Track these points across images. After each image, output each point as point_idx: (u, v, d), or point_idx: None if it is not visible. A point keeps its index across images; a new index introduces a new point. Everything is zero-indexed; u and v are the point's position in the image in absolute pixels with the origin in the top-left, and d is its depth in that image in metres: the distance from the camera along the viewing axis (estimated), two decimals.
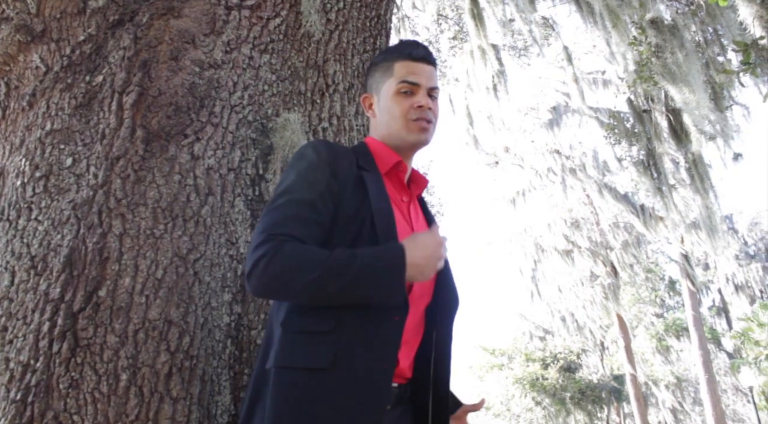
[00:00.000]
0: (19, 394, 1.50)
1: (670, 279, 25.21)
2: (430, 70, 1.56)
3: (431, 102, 1.55)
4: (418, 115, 1.51)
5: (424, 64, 1.55)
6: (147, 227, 1.71)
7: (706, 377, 15.77)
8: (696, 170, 7.97)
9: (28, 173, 1.83)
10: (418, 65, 1.55)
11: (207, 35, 1.99)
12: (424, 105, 1.51)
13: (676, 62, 5.35)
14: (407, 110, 1.52)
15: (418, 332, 1.45)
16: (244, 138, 1.94)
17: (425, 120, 1.52)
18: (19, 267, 1.70)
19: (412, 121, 1.51)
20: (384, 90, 1.57)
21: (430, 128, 1.53)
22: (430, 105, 1.54)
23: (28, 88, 2.00)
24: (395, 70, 1.56)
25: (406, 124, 1.52)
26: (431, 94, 1.56)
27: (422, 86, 1.53)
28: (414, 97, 1.53)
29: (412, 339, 1.42)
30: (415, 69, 1.54)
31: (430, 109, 1.53)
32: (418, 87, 1.53)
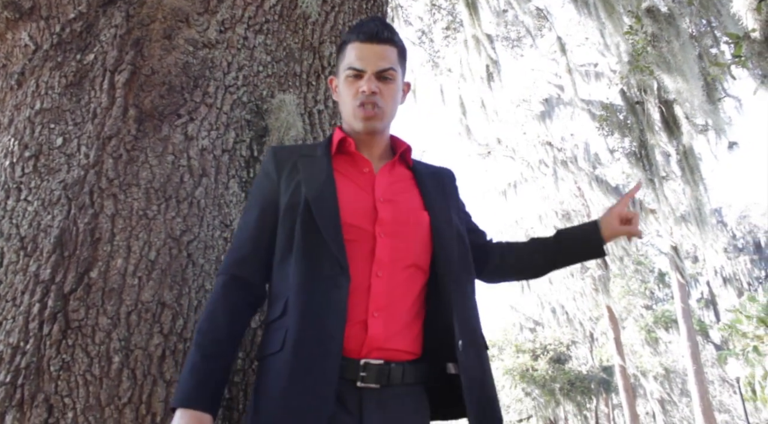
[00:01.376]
0: (8, 376, 1.46)
1: (659, 271, 25.40)
2: (380, 51, 1.48)
3: (382, 84, 1.48)
4: (362, 100, 1.46)
5: (373, 44, 1.48)
6: (140, 207, 1.68)
7: (694, 368, 15.93)
8: (687, 162, 7.99)
9: (17, 153, 1.79)
10: (366, 47, 1.48)
11: (201, 14, 1.95)
12: (366, 90, 1.45)
13: (671, 52, 5.34)
14: (354, 96, 1.48)
15: (402, 297, 1.38)
16: (239, 119, 1.91)
17: (371, 105, 1.46)
18: (8, 248, 1.66)
19: (358, 108, 1.47)
20: (339, 73, 1.55)
21: (376, 114, 1.47)
22: (377, 89, 1.46)
23: (17, 66, 1.95)
24: (347, 53, 1.51)
25: (353, 111, 1.49)
26: (383, 75, 1.48)
27: (368, 71, 1.47)
28: (359, 82, 1.48)
29: (391, 305, 1.35)
30: (362, 52, 1.48)
31: (376, 94, 1.46)
32: (364, 72, 1.47)
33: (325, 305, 1.29)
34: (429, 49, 10.69)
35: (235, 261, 1.43)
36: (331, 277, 1.31)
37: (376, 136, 1.53)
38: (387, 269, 1.37)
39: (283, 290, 1.37)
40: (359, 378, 1.29)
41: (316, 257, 1.33)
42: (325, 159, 1.48)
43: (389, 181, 1.51)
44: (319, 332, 1.27)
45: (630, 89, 7.75)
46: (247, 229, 1.46)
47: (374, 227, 1.39)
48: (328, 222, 1.35)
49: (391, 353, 1.33)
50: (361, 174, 1.49)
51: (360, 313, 1.32)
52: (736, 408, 26.61)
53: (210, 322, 1.36)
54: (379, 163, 1.54)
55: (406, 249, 1.41)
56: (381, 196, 1.45)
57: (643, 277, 24.94)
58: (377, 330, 1.32)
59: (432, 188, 1.56)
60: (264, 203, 1.46)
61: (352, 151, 1.51)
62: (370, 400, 1.29)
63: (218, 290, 1.41)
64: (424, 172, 1.59)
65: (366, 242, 1.38)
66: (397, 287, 1.38)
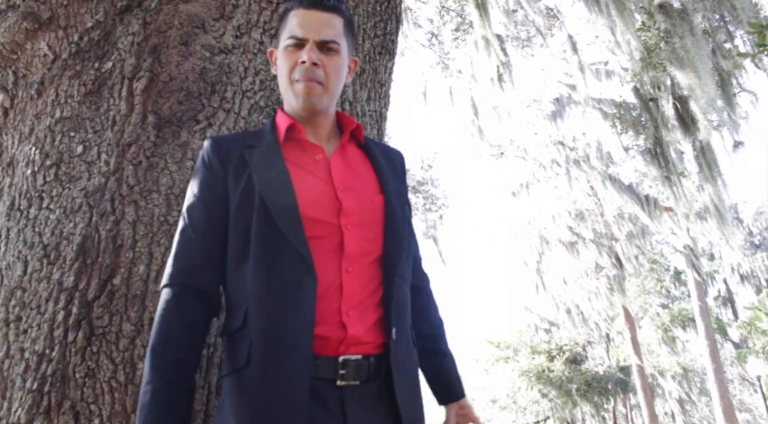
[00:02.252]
0: (35, 383, 1.47)
1: (675, 270, 25.17)
2: (324, 18, 1.35)
3: (324, 56, 1.34)
4: (300, 74, 1.33)
5: (318, 11, 1.35)
6: (160, 213, 1.68)
7: (713, 367, 15.75)
8: (704, 158, 7.89)
9: (39, 162, 1.81)
10: (309, 13, 1.35)
11: (217, 20, 1.96)
12: (306, 61, 1.32)
13: (684, 47, 5.28)
14: (291, 68, 1.35)
15: (374, 291, 1.30)
16: (257, 123, 1.91)
17: (311, 79, 1.33)
18: (31, 256, 1.67)
19: (296, 82, 1.34)
20: (279, 44, 1.41)
21: (316, 90, 1.34)
22: (318, 61, 1.33)
23: (37, 76, 1.97)
24: (288, 21, 1.39)
25: (290, 85, 1.36)
26: (327, 46, 1.35)
27: (310, 40, 1.33)
28: (300, 52, 1.34)
29: (363, 302, 1.27)
30: (305, 19, 1.35)
31: (318, 66, 1.33)
32: (305, 41, 1.34)
33: (289, 311, 1.19)
34: (439, 51, 10.70)
35: (187, 269, 1.29)
36: (294, 279, 1.21)
37: (320, 116, 1.41)
38: (357, 263, 1.29)
39: (241, 297, 1.25)
40: (339, 376, 1.21)
41: (277, 259, 1.23)
42: (274, 149, 1.35)
43: (344, 165, 1.40)
44: (286, 341, 1.18)
45: (643, 86, 7.69)
46: (195, 230, 1.31)
47: (339, 218, 1.29)
48: (287, 219, 1.24)
49: (368, 346, 1.26)
50: (315, 162, 1.37)
51: (333, 314, 1.23)
52: (757, 407, 26.29)
53: (166, 341, 1.22)
54: (329, 145, 1.43)
55: (374, 239, 1.32)
56: (340, 184, 1.34)
57: (658, 275, 24.73)
58: (356, 329, 1.24)
59: (386, 168, 1.45)
60: (211, 200, 1.32)
61: (302, 139, 1.39)
62: (351, 397, 1.21)
63: (169, 302, 1.26)
64: (376, 151, 1.49)
65: (332, 237, 1.28)
66: (368, 281, 1.29)
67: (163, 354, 1.21)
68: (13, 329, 1.59)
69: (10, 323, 1.60)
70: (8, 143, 2.01)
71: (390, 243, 1.34)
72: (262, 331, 1.19)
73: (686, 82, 5.72)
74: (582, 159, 16.83)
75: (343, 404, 1.20)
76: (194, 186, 1.36)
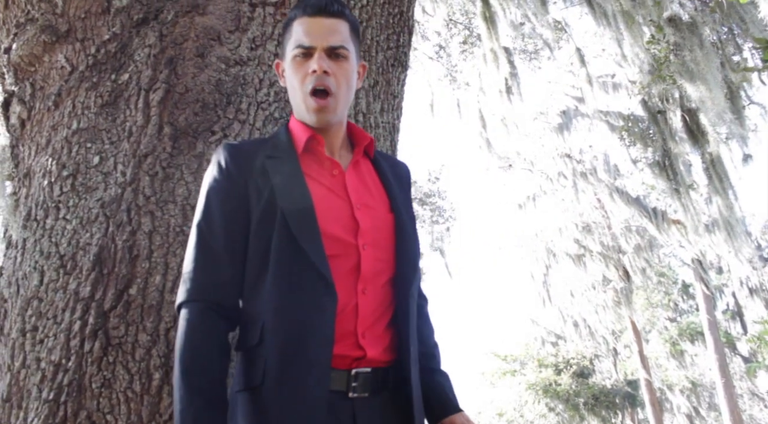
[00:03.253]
0: (51, 394, 1.48)
1: (683, 283, 25.00)
2: (330, 25, 1.32)
3: (334, 63, 1.32)
4: (313, 83, 1.31)
5: (322, 17, 1.32)
6: (176, 224, 1.69)
7: (722, 381, 15.59)
8: (714, 170, 7.86)
9: (55, 173, 1.82)
10: (314, 21, 1.32)
11: (232, 32, 1.98)
12: (317, 69, 1.30)
13: (694, 60, 5.29)
14: (303, 79, 1.33)
15: (385, 311, 1.31)
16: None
17: (322, 91, 1.31)
18: (48, 266, 1.68)
19: (309, 97, 1.32)
20: (286, 55, 1.38)
21: (329, 105, 1.32)
22: (329, 68, 1.31)
23: (54, 88, 1.99)
24: (293, 30, 1.36)
25: (303, 98, 1.34)
26: (335, 53, 1.32)
27: (317, 48, 1.31)
28: (309, 62, 1.32)
29: (375, 323, 1.28)
30: (310, 27, 1.32)
31: (328, 74, 1.31)
32: (313, 49, 1.31)
33: (308, 330, 1.19)
34: (446, 63, 10.74)
35: (209, 284, 1.25)
36: (314, 298, 1.20)
37: (333, 127, 1.39)
38: (371, 283, 1.29)
39: (257, 312, 1.24)
40: (351, 389, 1.22)
41: (296, 277, 1.21)
42: (294, 162, 1.32)
43: (359, 181, 1.39)
44: (304, 361, 1.17)
45: (651, 99, 7.69)
46: (215, 243, 1.27)
47: (356, 238, 1.29)
48: (309, 236, 1.22)
49: (378, 363, 1.28)
50: (332, 177, 1.36)
51: (349, 334, 1.24)
52: (767, 422, 25.97)
53: (199, 362, 1.19)
54: (341, 158, 1.41)
55: (387, 259, 1.33)
56: (356, 201, 1.33)
57: (666, 289, 24.56)
58: (373, 351, 1.26)
59: (395, 184, 1.45)
60: (231, 211, 1.28)
61: (320, 152, 1.37)
62: (362, 409, 1.23)
63: (194, 321, 1.22)
64: (385, 166, 1.48)
65: (350, 257, 1.27)
66: (380, 302, 1.30)
67: (199, 375, 1.18)
68: (30, 338, 1.60)
69: (27, 333, 1.61)
70: (25, 154, 2.03)
71: (402, 263, 1.34)
72: (279, 350, 1.18)
73: (696, 95, 5.71)
74: (589, 171, 16.79)
75: (355, 415, 1.22)
76: (211, 195, 1.31)
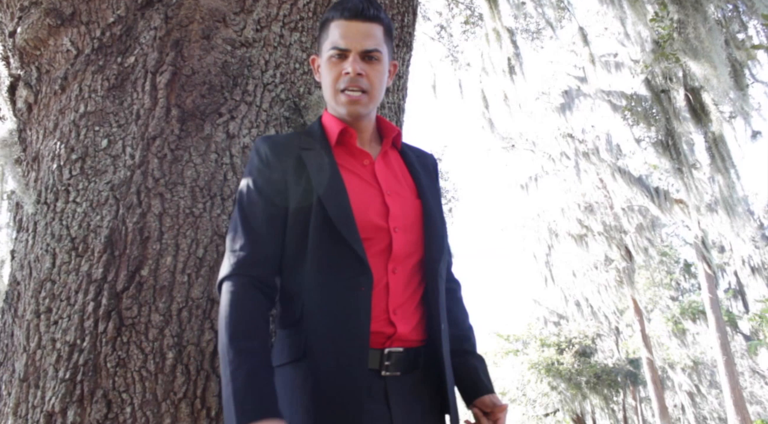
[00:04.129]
0: (67, 373, 1.50)
1: (685, 262, 25.06)
2: (365, 29, 1.40)
3: (367, 66, 1.40)
4: (346, 84, 1.39)
5: (358, 21, 1.39)
6: (186, 206, 1.70)
7: (723, 359, 15.69)
8: (717, 149, 7.84)
9: (64, 156, 1.83)
10: (351, 25, 1.39)
11: (237, 14, 1.97)
12: (351, 72, 1.38)
13: (698, 38, 5.24)
14: (336, 78, 1.41)
15: (415, 291, 1.39)
16: (278, 116, 1.93)
17: (355, 89, 1.39)
18: (60, 249, 1.70)
19: (341, 92, 1.40)
20: (322, 54, 1.46)
21: (361, 99, 1.40)
22: (362, 70, 1.39)
23: (60, 71, 1.99)
24: (330, 32, 1.43)
25: (335, 94, 1.42)
26: (369, 55, 1.40)
27: (352, 51, 1.39)
28: (344, 63, 1.40)
29: (406, 302, 1.35)
30: (347, 30, 1.39)
31: (362, 76, 1.39)
32: (348, 52, 1.39)
33: (347, 307, 1.26)
34: (448, 43, 10.66)
35: (251, 261, 1.31)
36: (351, 277, 1.28)
37: (363, 120, 1.47)
38: (401, 264, 1.37)
39: (296, 291, 1.32)
40: (383, 368, 1.29)
41: (334, 257, 1.29)
42: (328, 153, 1.41)
43: (388, 170, 1.48)
44: (344, 336, 1.25)
45: (654, 78, 7.64)
46: (256, 223, 1.34)
47: (387, 222, 1.37)
48: (344, 221, 1.30)
49: (410, 342, 1.35)
50: (363, 166, 1.44)
51: (381, 312, 1.31)
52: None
53: (246, 327, 1.24)
54: (371, 148, 1.50)
55: (415, 242, 1.40)
56: (387, 188, 1.42)
57: (668, 268, 24.61)
58: (403, 328, 1.33)
59: (422, 173, 1.53)
60: (271, 195, 1.36)
61: (351, 144, 1.46)
62: (394, 387, 1.30)
63: (239, 292, 1.27)
64: (412, 156, 1.56)
65: (382, 240, 1.35)
66: (409, 282, 1.38)
67: (246, 339, 1.21)
68: (44, 320, 1.62)
69: (41, 315, 1.63)
70: (32, 138, 2.04)
71: (430, 246, 1.41)
72: (320, 325, 1.26)
73: (700, 73, 5.66)
74: (591, 151, 16.75)
75: (387, 393, 1.28)
76: (252, 181, 1.38)
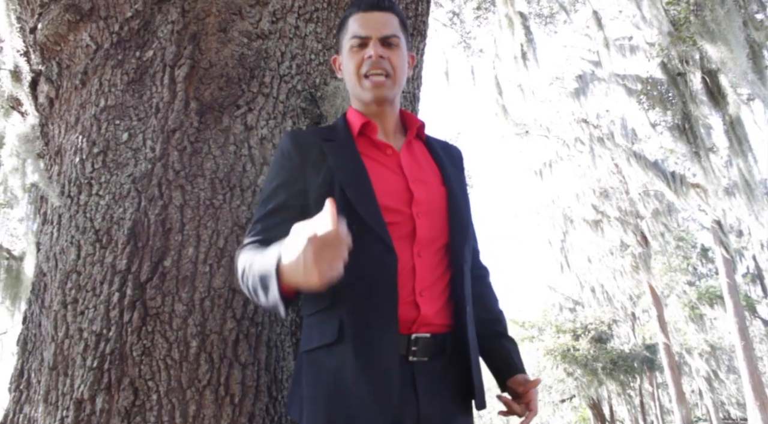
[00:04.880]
0: (95, 362, 1.54)
1: (702, 247, 24.83)
2: (382, 18, 1.47)
3: (388, 50, 1.46)
4: (369, 68, 1.44)
5: (375, 12, 1.47)
6: (206, 197, 1.73)
7: (742, 344, 15.59)
8: (734, 133, 7.74)
9: (86, 150, 1.86)
10: (368, 15, 1.47)
11: (253, 6, 1.99)
12: (373, 55, 1.43)
13: (716, 20, 5.17)
14: (359, 65, 1.46)
15: (441, 275, 1.41)
16: (295, 107, 1.94)
17: (379, 73, 1.44)
18: (84, 241, 1.74)
19: (364, 78, 1.45)
20: (343, 49, 1.52)
21: (385, 82, 1.45)
22: (384, 54, 1.45)
23: (80, 66, 2.02)
24: (349, 26, 1.50)
25: (359, 80, 1.47)
26: (388, 41, 1.46)
27: (372, 37, 1.45)
28: (365, 50, 1.46)
29: (433, 284, 1.38)
30: (365, 20, 1.47)
31: (383, 58, 1.44)
32: (368, 39, 1.45)
33: (377, 288, 1.30)
34: (460, 29, 10.59)
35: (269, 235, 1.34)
36: (377, 259, 1.31)
37: (387, 108, 1.51)
38: (426, 248, 1.39)
39: None
40: (411, 353, 1.31)
41: (359, 242, 1.28)
42: (350, 143, 1.46)
43: (412, 159, 1.51)
44: (377, 316, 1.29)
45: (671, 61, 7.54)
46: (277, 205, 1.40)
47: (411, 208, 1.40)
48: (367, 207, 1.34)
49: (437, 327, 1.36)
50: (386, 156, 1.48)
51: (408, 294, 1.33)
52: None
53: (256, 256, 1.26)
54: (395, 141, 1.53)
55: (439, 227, 1.43)
56: (411, 176, 1.45)
57: (685, 253, 24.40)
58: (427, 309, 1.34)
59: (447, 162, 1.56)
60: (289, 187, 1.41)
61: (373, 137, 1.49)
62: (421, 373, 1.32)
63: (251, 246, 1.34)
64: (437, 147, 1.60)
65: (406, 224, 1.38)
66: (436, 265, 1.40)
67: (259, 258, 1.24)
68: (71, 310, 1.66)
69: (68, 305, 1.67)
70: (54, 133, 2.08)
71: (455, 231, 1.45)
72: (352, 307, 1.30)
73: (717, 56, 5.59)
74: (606, 136, 16.60)
75: (414, 378, 1.31)
76: (275, 175, 1.45)
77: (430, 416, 1.30)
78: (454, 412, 1.36)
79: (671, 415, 26.20)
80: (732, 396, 26.22)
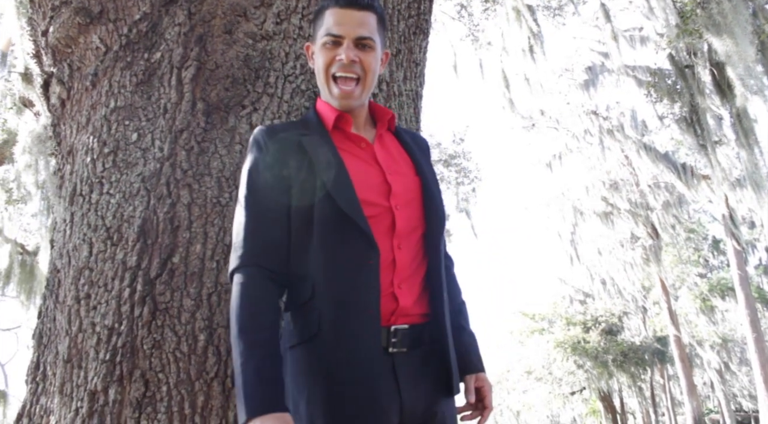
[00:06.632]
0: (108, 355, 1.61)
1: (713, 239, 24.69)
2: (359, 17, 1.42)
3: (361, 53, 1.42)
4: (339, 69, 1.42)
5: (353, 10, 1.42)
6: (213, 195, 1.79)
7: (753, 336, 15.52)
8: (741, 125, 7.71)
9: (97, 150, 1.92)
10: (345, 12, 1.42)
11: (257, 7, 2.03)
12: (345, 59, 1.40)
13: (722, 12, 5.15)
14: (329, 63, 1.43)
15: (419, 266, 1.43)
16: (299, 107, 1.99)
17: (350, 76, 1.42)
18: (96, 238, 1.80)
19: (333, 81, 1.44)
20: (316, 41, 1.49)
21: (353, 92, 1.43)
22: (356, 57, 1.41)
23: (90, 68, 2.07)
24: (325, 19, 1.45)
25: (327, 81, 1.45)
26: (362, 43, 1.42)
27: (346, 38, 1.41)
28: (337, 50, 1.42)
29: (411, 275, 1.40)
30: (341, 17, 1.42)
31: (355, 62, 1.41)
32: (342, 39, 1.41)
33: (358, 281, 1.31)
34: (468, 23, 10.59)
35: (259, 250, 1.34)
36: (359, 253, 1.32)
37: (356, 108, 1.50)
38: (405, 240, 1.40)
39: (306, 272, 1.34)
40: (390, 344, 1.33)
41: (341, 237, 1.33)
42: (326, 137, 1.44)
43: (385, 151, 1.51)
44: (357, 308, 1.30)
45: (679, 53, 7.51)
46: (261, 211, 1.37)
47: (389, 200, 1.40)
48: (348, 201, 1.34)
49: (415, 317, 1.39)
50: (361, 149, 1.48)
51: (387, 286, 1.35)
52: None
53: (256, 318, 1.27)
54: (365, 132, 1.53)
55: (417, 217, 1.44)
56: (387, 168, 1.46)
57: (696, 245, 24.28)
58: (406, 301, 1.37)
59: (418, 152, 1.57)
60: (274, 183, 1.39)
61: (347, 130, 1.48)
62: (401, 363, 1.34)
63: (248, 284, 1.31)
64: (406, 137, 1.60)
65: (385, 217, 1.39)
66: (414, 257, 1.42)
67: (256, 331, 1.26)
68: (84, 305, 1.73)
69: (81, 300, 1.74)
70: (66, 133, 2.14)
71: (431, 220, 1.46)
72: (332, 300, 1.30)
73: (722, 49, 5.57)
74: (616, 128, 16.52)
75: (395, 369, 1.33)
76: (253, 171, 1.41)
77: (412, 405, 1.33)
78: (436, 399, 1.39)
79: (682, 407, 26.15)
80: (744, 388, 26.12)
